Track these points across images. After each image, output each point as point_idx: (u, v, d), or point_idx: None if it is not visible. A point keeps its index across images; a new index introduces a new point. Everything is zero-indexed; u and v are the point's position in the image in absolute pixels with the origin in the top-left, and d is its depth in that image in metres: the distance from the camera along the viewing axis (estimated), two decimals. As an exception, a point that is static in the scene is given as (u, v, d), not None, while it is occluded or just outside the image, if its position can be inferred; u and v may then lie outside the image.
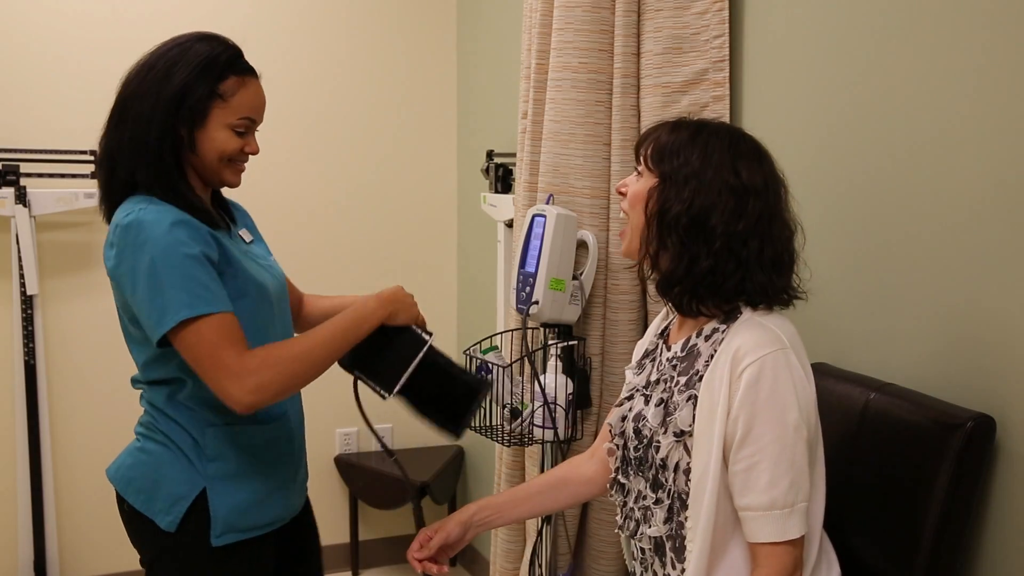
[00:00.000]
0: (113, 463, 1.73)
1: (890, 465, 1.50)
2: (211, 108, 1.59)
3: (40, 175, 3.05)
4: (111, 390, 3.28)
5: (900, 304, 1.62)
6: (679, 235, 1.40)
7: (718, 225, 1.38)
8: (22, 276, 3.04)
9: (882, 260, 1.66)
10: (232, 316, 1.53)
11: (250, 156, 1.68)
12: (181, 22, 3.26)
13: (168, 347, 1.54)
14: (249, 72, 1.65)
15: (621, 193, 1.51)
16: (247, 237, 1.77)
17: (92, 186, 3.12)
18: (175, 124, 1.58)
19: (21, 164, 3.03)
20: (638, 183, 1.48)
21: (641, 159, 1.48)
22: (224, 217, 1.75)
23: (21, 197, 2.99)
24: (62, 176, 3.08)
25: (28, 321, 3.08)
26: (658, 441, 1.44)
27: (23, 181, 3.02)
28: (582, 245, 2.21)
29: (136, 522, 1.67)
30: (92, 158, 3.09)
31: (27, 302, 3.07)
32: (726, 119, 1.96)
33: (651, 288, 1.53)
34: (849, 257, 1.72)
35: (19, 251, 3.03)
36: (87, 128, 3.15)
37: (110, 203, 1.66)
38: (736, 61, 2.00)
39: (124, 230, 1.54)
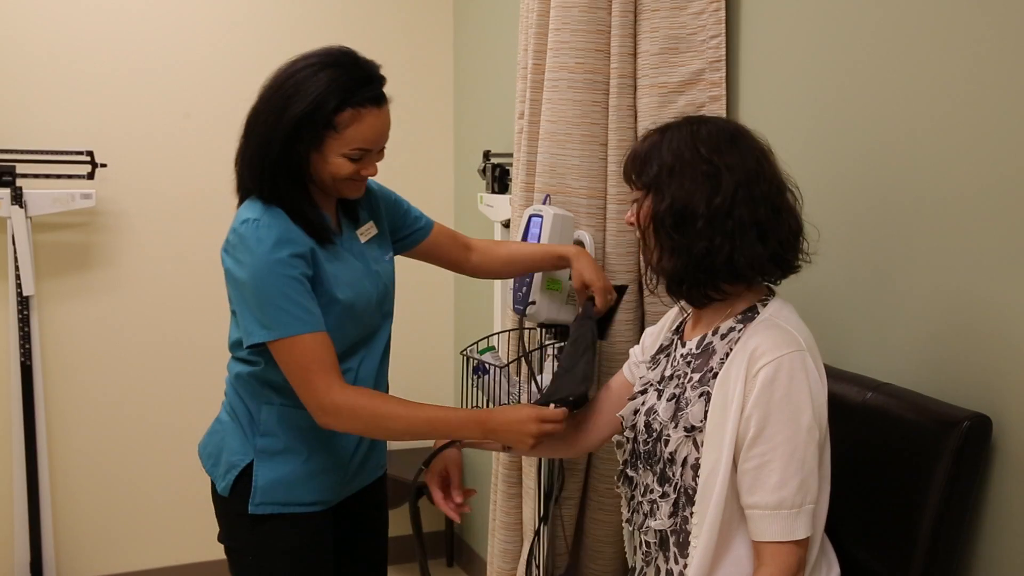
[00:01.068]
0: None
1: (886, 464, 1.50)
2: (325, 138, 1.63)
3: (36, 176, 3.05)
4: (108, 391, 3.28)
5: (897, 304, 1.62)
6: (667, 231, 1.44)
7: (699, 206, 1.40)
8: (18, 277, 3.04)
9: (878, 260, 1.66)
10: (323, 336, 1.63)
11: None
12: (177, 23, 3.27)
13: (255, 347, 1.66)
14: (370, 102, 1.65)
15: (632, 224, 1.54)
16: (367, 235, 1.83)
17: (88, 187, 3.12)
18: (292, 148, 1.63)
19: (17, 165, 3.02)
20: (637, 207, 1.52)
21: (631, 184, 1.53)
22: (342, 220, 1.80)
23: (17, 198, 2.99)
24: (58, 177, 3.07)
25: (24, 322, 3.07)
26: (668, 435, 1.45)
27: (19, 182, 3.01)
28: (579, 245, 2.20)
29: (212, 487, 1.82)
30: (88, 159, 3.09)
31: (23, 303, 3.06)
32: (722, 119, 1.96)
33: (661, 293, 1.55)
34: (845, 257, 1.72)
35: (15, 252, 3.02)
36: (83, 129, 3.17)
37: (241, 199, 1.74)
38: (733, 61, 2.00)
39: (235, 235, 1.65)
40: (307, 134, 1.61)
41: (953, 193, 1.50)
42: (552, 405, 1.65)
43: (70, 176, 3.08)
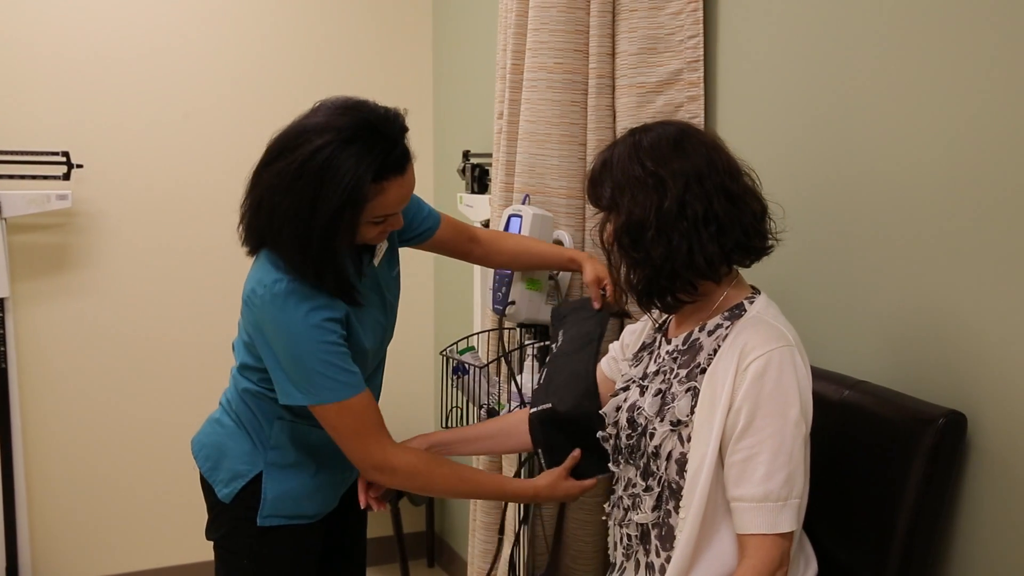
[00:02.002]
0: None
1: (863, 461, 1.51)
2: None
3: (11, 176, 3.02)
4: (85, 393, 3.25)
5: (873, 303, 1.63)
6: (626, 249, 1.45)
7: (648, 215, 1.41)
8: (-7, 279, 3.01)
9: (854, 258, 1.67)
10: (367, 395, 1.64)
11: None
12: (153, 22, 3.25)
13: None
14: (394, 172, 1.58)
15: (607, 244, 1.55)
16: (379, 253, 1.79)
17: (64, 188, 3.10)
18: (330, 240, 1.56)
19: (-8, 165, 3.00)
20: (600, 228, 1.54)
21: (595, 207, 1.54)
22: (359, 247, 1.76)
23: (-8, 199, 2.96)
24: (33, 178, 3.04)
25: (0, 324, 3.05)
26: (653, 429, 1.45)
27: (-6, 183, 2.99)
28: (558, 244, 2.21)
29: (203, 484, 1.83)
30: (64, 159, 3.06)
31: (-2, 305, 3.04)
32: (701, 119, 1.97)
33: (634, 309, 1.57)
34: (821, 255, 1.73)
35: (-10, 253, 3.00)
36: (59, 129, 3.15)
37: (252, 249, 1.70)
38: (710, 61, 2.00)
39: (266, 293, 1.59)
40: (345, 223, 1.55)
41: (928, 193, 1.52)
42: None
43: (45, 177, 3.06)
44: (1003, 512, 1.41)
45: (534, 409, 1.78)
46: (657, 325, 1.64)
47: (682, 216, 1.40)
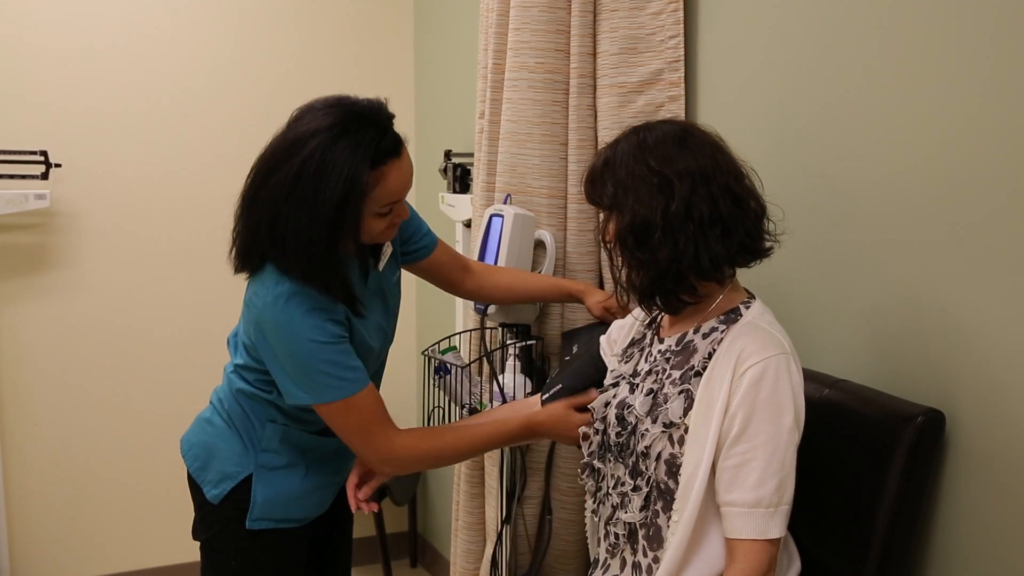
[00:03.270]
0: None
1: (843, 459, 1.52)
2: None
3: (-12, 176, 2.99)
4: (64, 393, 3.23)
5: (852, 302, 1.64)
6: (631, 250, 1.44)
7: (655, 218, 1.40)
8: (-30, 279, 2.98)
9: (835, 259, 1.68)
10: (371, 390, 1.64)
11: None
12: (132, 20, 3.23)
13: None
14: (389, 156, 1.56)
15: (609, 242, 1.53)
16: (384, 258, 1.78)
17: (42, 187, 3.07)
18: (335, 236, 1.55)
19: (-32, 165, 2.97)
20: (603, 226, 1.52)
21: (595, 205, 1.53)
22: (366, 252, 1.75)
23: (-31, 199, 2.93)
24: (11, 177, 3.02)
25: (-23, 325, 3.02)
26: (644, 430, 1.45)
27: (-30, 182, 2.96)
28: (540, 245, 2.21)
29: (191, 484, 1.82)
30: (42, 159, 3.04)
31: (-24, 306, 3.01)
32: (681, 119, 1.98)
33: (633, 307, 1.55)
34: (801, 256, 1.74)
35: (-33, 254, 2.97)
36: (37, 128, 3.12)
37: (247, 264, 1.67)
38: (691, 61, 2.01)
39: (271, 299, 1.58)
40: (349, 217, 1.53)
41: (908, 195, 1.53)
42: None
43: (23, 176, 3.03)
44: (980, 508, 1.42)
45: (546, 395, 1.78)
46: (647, 321, 1.64)
47: (688, 218, 1.39)
